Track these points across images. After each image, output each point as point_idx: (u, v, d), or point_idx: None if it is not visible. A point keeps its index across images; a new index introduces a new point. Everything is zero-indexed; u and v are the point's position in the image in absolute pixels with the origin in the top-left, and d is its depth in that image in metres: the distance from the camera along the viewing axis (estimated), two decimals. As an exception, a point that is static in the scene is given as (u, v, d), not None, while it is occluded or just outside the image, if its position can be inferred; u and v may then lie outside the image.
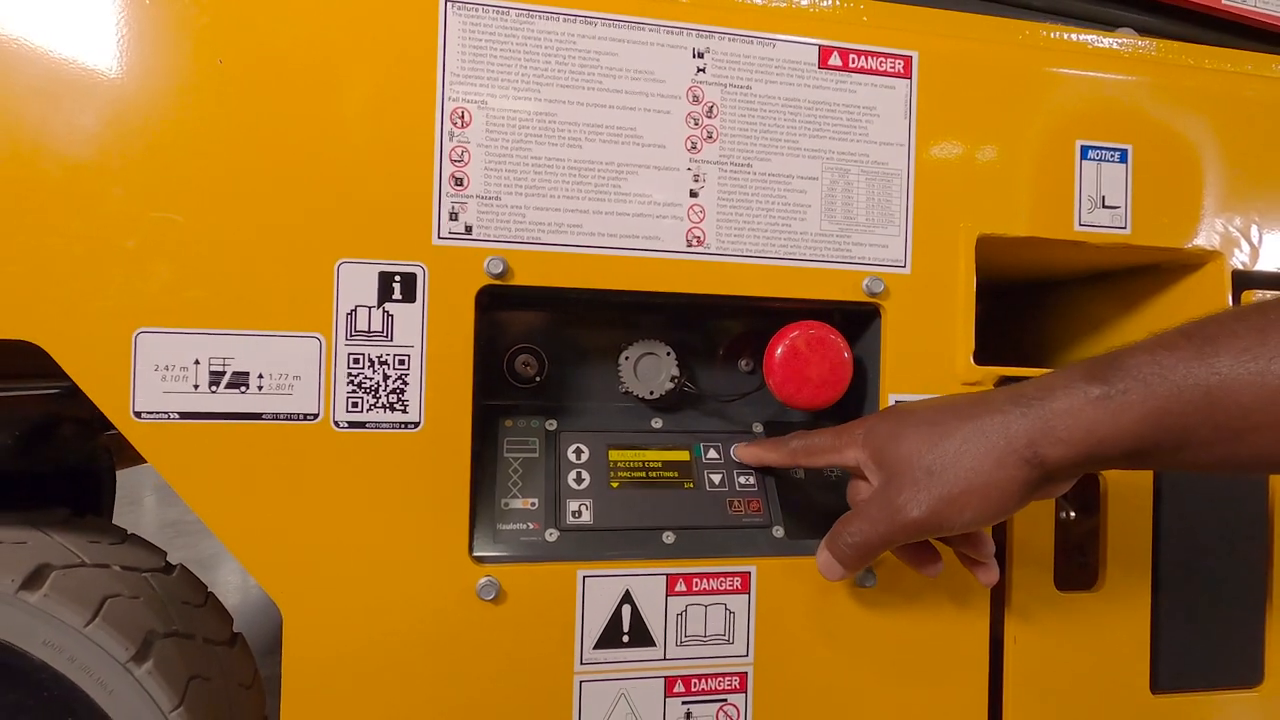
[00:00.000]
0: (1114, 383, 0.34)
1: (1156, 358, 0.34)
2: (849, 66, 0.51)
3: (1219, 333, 0.32)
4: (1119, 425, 0.34)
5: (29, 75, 0.42)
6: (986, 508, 0.38)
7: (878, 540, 0.41)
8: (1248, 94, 0.58)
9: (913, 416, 0.41)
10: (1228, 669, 0.57)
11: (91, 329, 0.43)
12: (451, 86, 0.46)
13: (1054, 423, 0.36)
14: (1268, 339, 0.31)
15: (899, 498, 0.39)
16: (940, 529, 0.39)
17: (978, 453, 0.37)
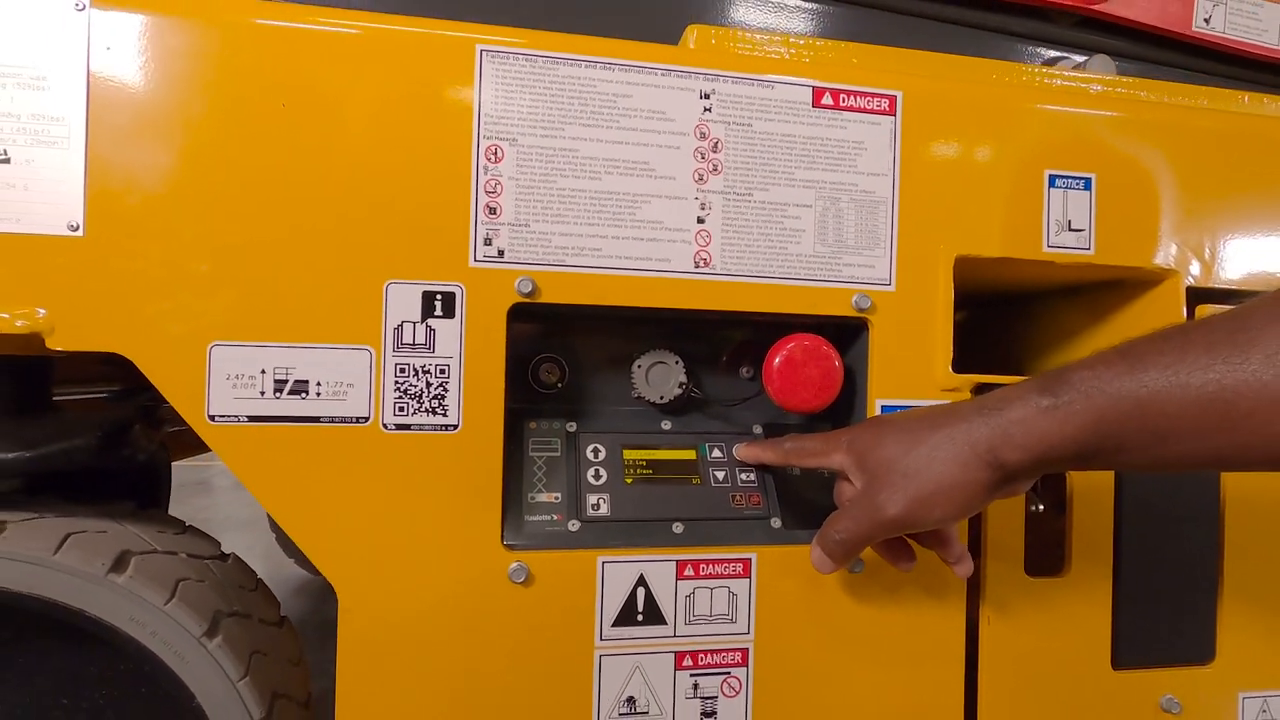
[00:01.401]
0: (1060, 395, 0.40)
1: (1096, 373, 0.40)
2: (839, 105, 0.57)
3: (1148, 351, 0.38)
4: (1065, 433, 0.40)
5: (122, 118, 0.48)
6: (954, 506, 0.44)
7: (861, 536, 0.48)
8: (1202, 125, 0.64)
9: (891, 426, 0.47)
10: (1182, 647, 0.64)
11: (172, 343, 0.49)
12: (486, 126, 0.52)
13: (1011, 430, 0.42)
14: (1186, 356, 0.37)
15: (879, 497, 0.46)
16: (915, 525, 0.46)
17: (946, 457, 0.43)
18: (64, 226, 0.47)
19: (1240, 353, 0.35)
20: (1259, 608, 0.64)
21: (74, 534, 0.50)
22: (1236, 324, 0.36)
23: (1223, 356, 0.35)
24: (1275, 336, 0.34)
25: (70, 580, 0.48)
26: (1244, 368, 0.34)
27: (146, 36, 0.48)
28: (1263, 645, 0.65)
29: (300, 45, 0.50)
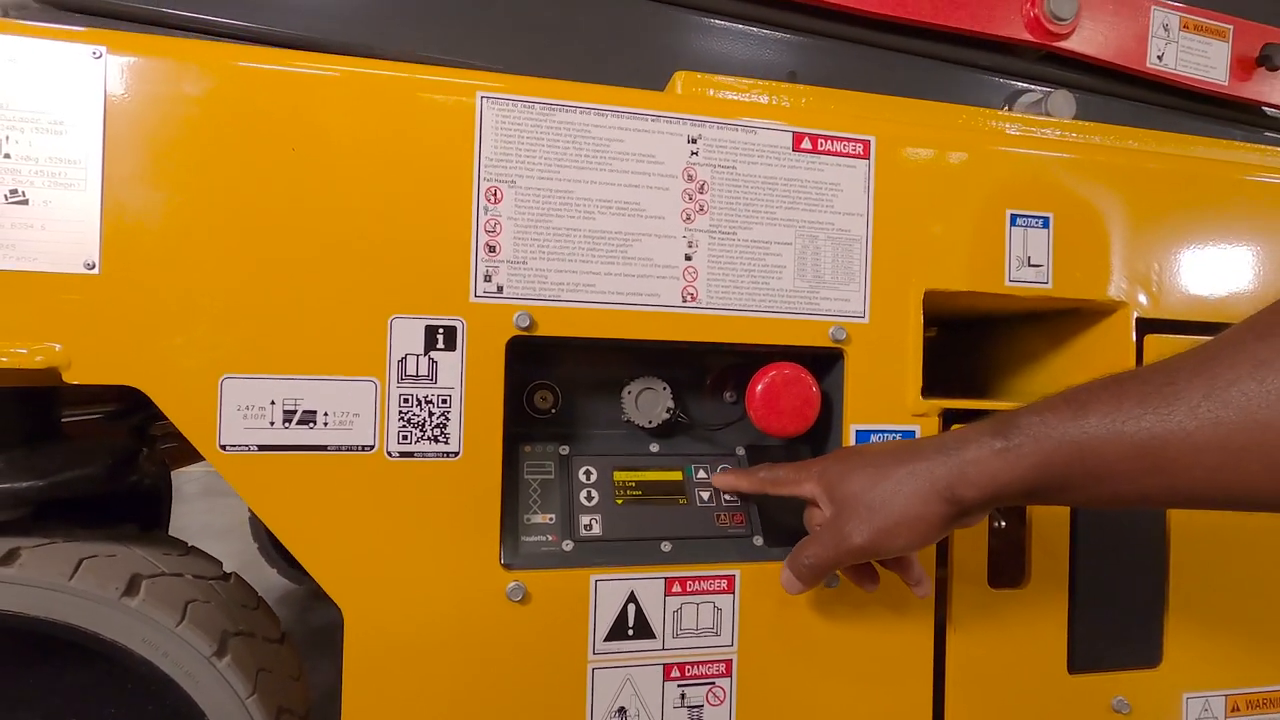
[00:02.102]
0: (1011, 438, 0.44)
1: (1043, 418, 0.44)
2: (817, 149, 0.61)
3: (1089, 399, 0.43)
4: (1014, 472, 0.44)
5: (137, 161, 0.50)
6: (915, 536, 0.48)
7: (829, 561, 0.52)
8: (1150, 167, 0.69)
9: (859, 459, 0.51)
10: (1132, 652, 0.69)
11: (184, 376, 0.51)
12: (486, 169, 0.55)
13: (967, 469, 0.46)
14: (1122, 405, 0.41)
15: (846, 527, 0.50)
16: (879, 553, 0.50)
17: (909, 492, 0.47)
18: (80, 265, 0.50)
19: (1168, 404, 0.39)
20: (1201, 615, 0.70)
21: (86, 559, 0.52)
22: (1166, 377, 0.40)
23: (1153, 407, 0.39)
24: (1198, 390, 0.38)
25: (85, 605, 0.50)
26: (1171, 418, 0.39)
27: (161, 83, 0.50)
28: (1205, 650, 0.70)
29: (309, 91, 0.53)
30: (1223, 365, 0.39)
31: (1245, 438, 0.37)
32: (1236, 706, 0.71)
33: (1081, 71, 1.00)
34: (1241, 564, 0.71)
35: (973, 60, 0.97)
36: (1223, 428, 0.38)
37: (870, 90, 0.93)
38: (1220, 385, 0.38)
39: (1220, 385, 0.38)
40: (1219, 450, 0.38)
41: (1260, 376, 0.37)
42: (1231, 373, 0.38)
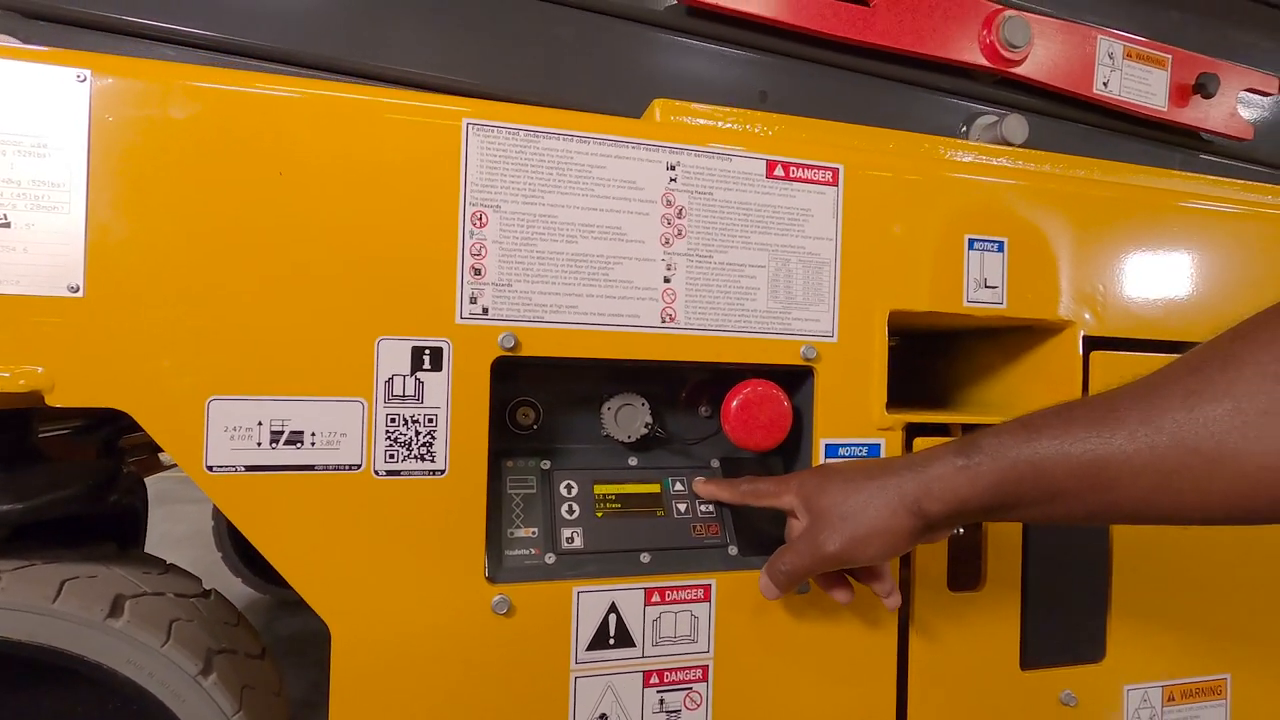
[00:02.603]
0: (972, 456, 0.48)
1: (1001, 440, 0.47)
2: (789, 176, 0.64)
3: (1042, 424, 0.46)
4: (975, 489, 0.48)
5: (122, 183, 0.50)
6: (884, 546, 0.51)
7: (804, 569, 0.55)
8: (1096, 194, 0.74)
9: (835, 474, 0.54)
10: (1078, 648, 0.74)
11: (171, 398, 0.51)
12: (472, 194, 0.57)
13: (932, 485, 0.49)
14: (1071, 429, 0.45)
15: (820, 536, 0.53)
16: (851, 561, 0.53)
17: (879, 505, 0.51)
18: (64, 288, 0.50)
19: (1110, 429, 0.43)
20: (1141, 614, 0.75)
21: (68, 580, 0.52)
22: (1109, 405, 0.44)
23: (1097, 431, 0.43)
24: (1136, 417, 0.42)
25: (70, 627, 0.50)
26: (1112, 442, 0.42)
27: (147, 106, 0.51)
28: (1144, 645, 0.75)
29: (297, 115, 0.53)
30: (1158, 395, 0.42)
31: (1176, 461, 0.41)
32: (1172, 696, 0.77)
33: (1034, 95, 1.06)
34: (1177, 566, 0.77)
35: (933, 83, 1.02)
36: (1157, 451, 0.42)
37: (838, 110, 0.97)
38: (1155, 413, 0.42)
39: (1155, 413, 0.42)
40: (1154, 472, 0.42)
41: (1189, 405, 0.41)
42: (1165, 402, 0.42)
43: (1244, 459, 0.39)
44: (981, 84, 1.04)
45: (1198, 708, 0.78)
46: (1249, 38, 1.14)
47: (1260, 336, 0.40)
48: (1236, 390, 0.39)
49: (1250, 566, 0.79)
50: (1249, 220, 0.78)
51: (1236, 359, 0.40)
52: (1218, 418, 0.40)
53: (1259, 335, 0.40)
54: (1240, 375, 0.40)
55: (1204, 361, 0.42)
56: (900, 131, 0.72)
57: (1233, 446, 0.39)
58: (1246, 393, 0.39)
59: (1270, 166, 1.19)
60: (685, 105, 0.67)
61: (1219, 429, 0.40)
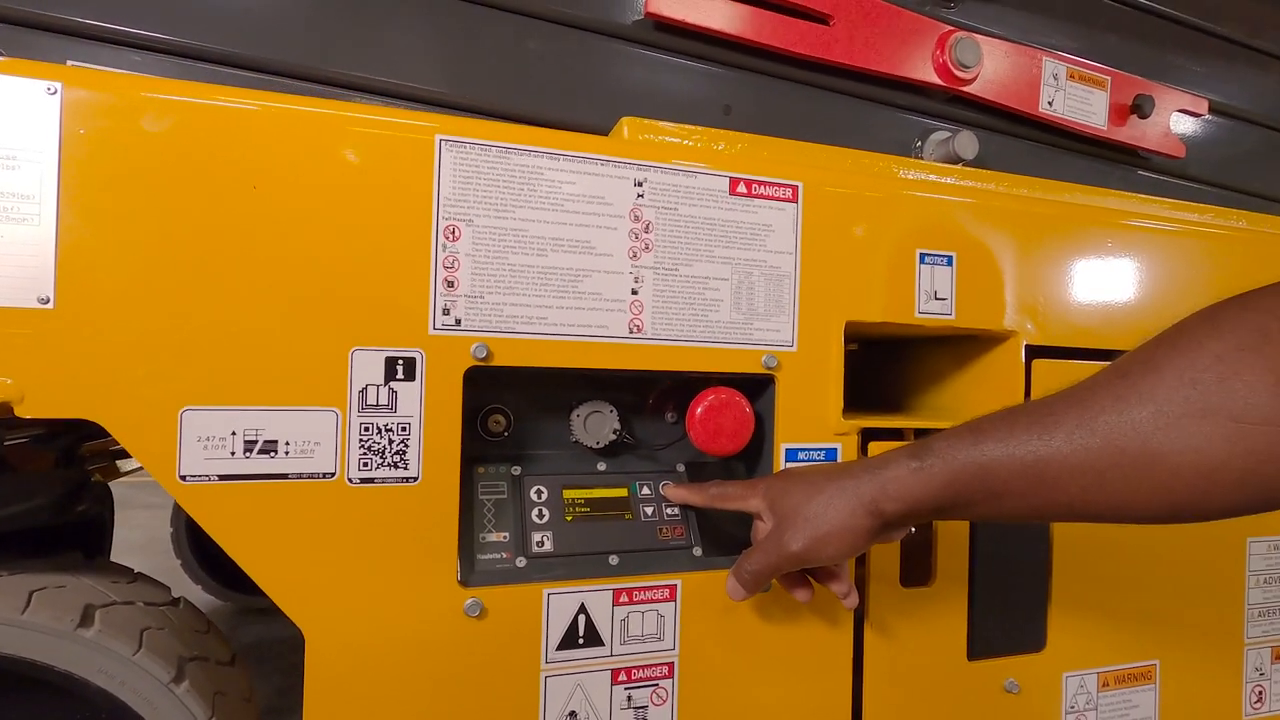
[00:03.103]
0: (925, 459, 0.51)
1: (950, 443, 0.51)
2: (751, 193, 0.67)
3: (989, 427, 0.50)
4: (927, 490, 0.51)
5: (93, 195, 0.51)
6: (845, 545, 0.54)
7: (770, 568, 0.58)
8: (1039, 212, 0.78)
9: (798, 477, 0.57)
10: (1021, 639, 0.78)
11: (143, 408, 0.52)
12: (445, 208, 0.58)
13: (888, 487, 0.52)
14: (1014, 432, 0.48)
15: (784, 536, 0.56)
16: (814, 560, 0.56)
17: (839, 506, 0.54)
18: (34, 299, 0.50)
19: (1049, 432, 0.46)
20: (1078, 606, 0.80)
21: (36, 591, 0.53)
22: (1048, 409, 0.47)
23: (1037, 434, 0.47)
24: (1072, 420, 0.46)
25: (40, 638, 0.51)
26: (1051, 443, 0.46)
27: (118, 118, 0.51)
28: (1081, 635, 0.80)
29: (271, 129, 0.54)
30: (1091, 400, 0.46)
31: (1108, 460, 0.45)
32: (1106, 682, 0.82)
33: (984, 113, 1.11)
34: (1111, 562, 0.82)
35: (890, 100, 1.06)
36: (1091, 452, 0.45)
37: (799, 123, 1.01)
38: (1089, 416, 0.46)
39: (1089, 416, 0.46)
40: (1088, 471, 0.45)
41: (1119, 409, 0.44)
42: (1097, 406, 0.45)
43: (1167, 458, 0.42)
44: (935, 101, 1.08)
45: (1129, 692, 0.83)
46: (1181, 60, 1.21)
47: (1179, 343, 0.44)
48: (1158, 395, 0.43)
49: (1176, 562, 0.85)
50: (1179, 237, 0.84)
51: (1158, 366, 0.44)
52: (1143, 420, 0.43)
53: (1178, 342, 0.44)
54: (1162, 381, 0.43)
55: (1131, 368, 0.46)
56: (856, 151, 0.76)
57: (1156, 446, 0.43)
58: (1167, 397, 0.43)
59: (1201, 183, 1.26)
60: (653, 124, 0.69)
61: (1144, 430, 0.43)
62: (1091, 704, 0.81)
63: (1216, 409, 0.40)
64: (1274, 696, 0.91)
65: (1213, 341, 0.42)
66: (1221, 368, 0.41)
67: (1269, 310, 0.41)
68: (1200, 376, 0.41)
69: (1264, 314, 0.41)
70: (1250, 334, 0.41)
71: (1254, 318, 0.41)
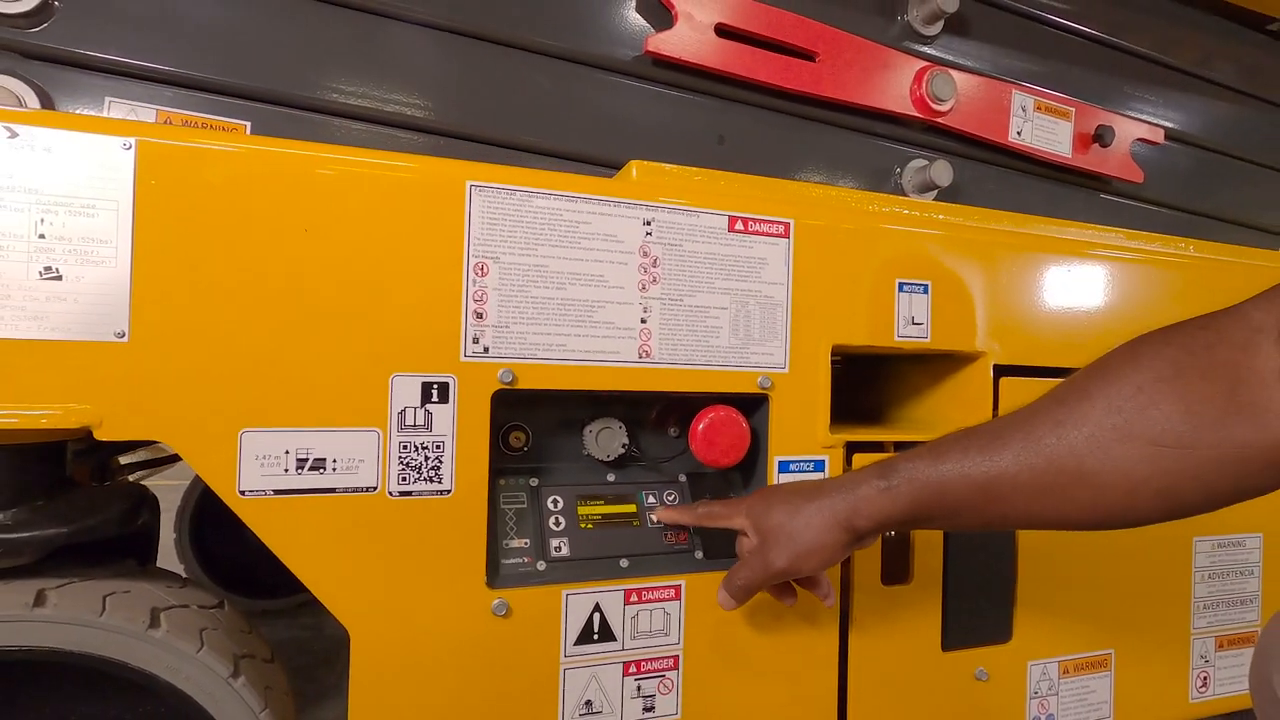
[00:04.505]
0: (891, 480, 0.59)
1: (913, 464, 0.58)
2: (748, 230, 0.74)
3: (946, 450, 0.57)
4: (895, 507, 0.59)
5: (164, 239, 0.57)
6: (823, 559, 0.62)
7: (757, 583, 0.65)
8: (1006, 242, 0.87)
9: (777, 497, 0.64)
10: (990, 630, 0.87)
11: (207, 431, 0.58)
12: (475, 247, 0.65)
13: (859, 505, 0.60)
14: (968, 453, 0.56)
15: (770, 554, 0.63)
16: (796, 573, 0.64)
17: (817, 524, 0.61)
18: (111, 334, 0.56)
19: (998, 453, 0.54)
20: (1041, 601, 0.89)
21: (108, 595, 0.59)
22: (997, 432, 0.55)
23: (988, 455, 0.54)
24: (1018, 442, 0.53)
25: (118, 638, 0.57)
26: (999, 463, 0.54)
27: (186, 169, 0.57)
28: (1044, 627, 0.89)
29: (322, 178, 0.61)
30: (1034, 424, 0.54)
31: (1049, 478, 0.52)
32: (1067, 669, 0.91)
33: (959, 142, 1.20)
34: (1071, 560, 0.91)
35: (871, 129, 1.15)
36: (1035, 471, 0.53)
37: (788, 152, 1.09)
38: (1033, 439, 0.53)
39: (1033, 439, 0.53)
40: (1032, 487, 0.53)
41: (1059, 434, 0.52)
42: (1039, 430, 0.53)
43: (1098, 475, 0.50)
44: (913, 131, 1.17)
45: (1088, 679, 0.92)
46: (1137, 90, 1.31)
47: (1107, 374, 0.51)
48: (1090, 420, 0.50)
49: (1130, 560, 0.94)
50: (1133, 264, 0.93)
51: (1090, 394, 0.51)
52: (1078, 443, 0.51)
53: (1105, 374, 0.51)
54: (1093, 408, 0.51)
55: (1068, 394, 0.53)
56: (842, 189, 0.84)
57: (1089, 466, 0.50)
58: (1098, 423, 0.50)
59: (1158, 205, 1.37)
60: (659, 166, 0.76)
61: (1079, 452, 0.51)
62: (1053, 690, 0.90)
63: (1138, 434, 0.48)
64: (1218, 681, 1.00)
65: (1134, 374, 0.49)
66: (1141, 397, 0.48)
67: (1182, 345, 0.49)
68: (1124, 405, 0.49)
69: (1178, 349, 0.49)
70: (1166, 367, 0.48)
71: (1169, 352, 0.49)
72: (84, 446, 0.82)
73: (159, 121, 0.77)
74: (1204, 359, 0.47)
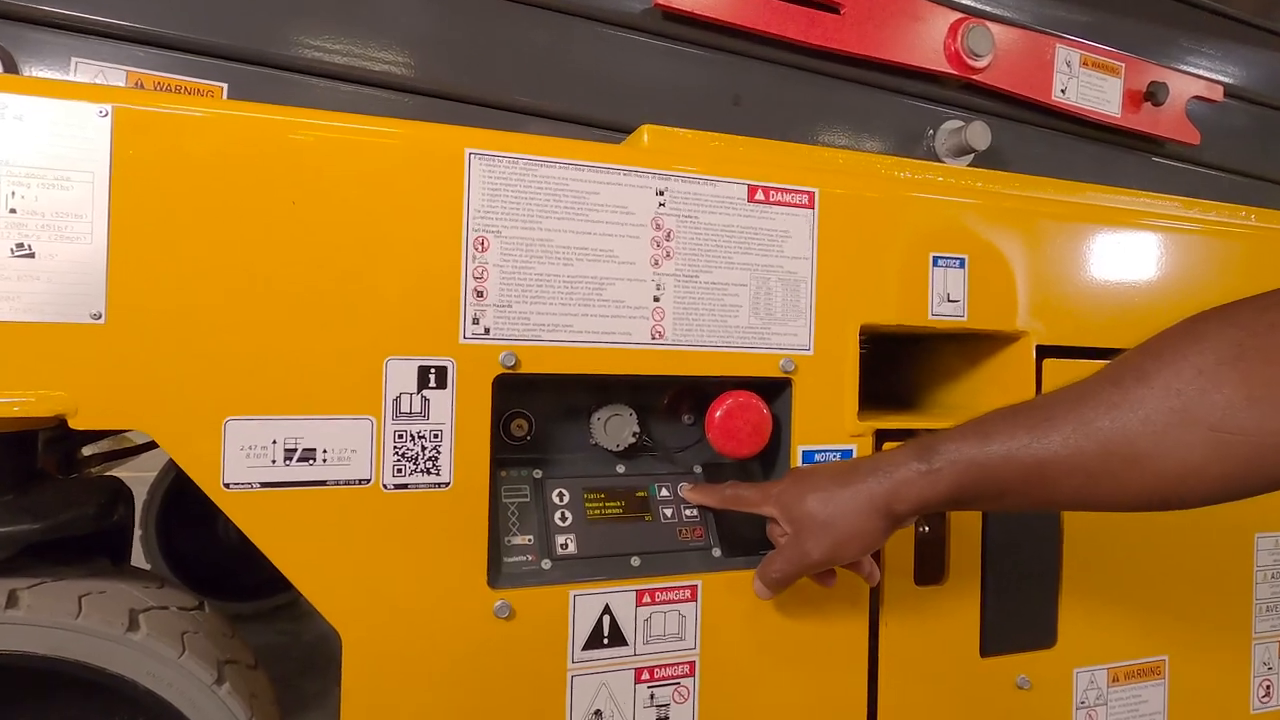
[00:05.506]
0: (932, 461, 0.63)
1: (957, 444, 0.62)
2: (769, 200, 0.78)
3: (992, 429, 0.61)
4: (936, 490, 0.62)
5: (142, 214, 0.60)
6: (862, 546, 0.66)
7: (793, 574, 0.70)
8: (1050, 212, 0.91)
9: (810, 483, 0.68)
10: (1032, 635, 0.91)
11: (189, 419, 0.62)
12: (474, 220, 0.68)
13: (899, 489, 0.64)
14: (1016, 434, 0.60)
15: (806, 544, 0.67)
16: (834, 562, 0.68)
17: (853, 510, 0.65)
18: (86, 315, 0.59)
19: (1047, 435, 0.58)
20: (1089, 602, 0.93)
21: (84, 596, 0.62)
22: (1047, 413, 0.59)
23: (1037, 436, 0.58)
24: (1069, 424, 0.57)
25: (95, 641, 0.60)
26: (1049, 446, 0.58)
27: (165, 139, 0.60)
28: (1092, 631, 0.93)
29: (308, 146, 0.64)
30: (1086, 405, 0.58)
31: (1100, 464, 0.56)
32: (1117, 677, 0.95)
33: (996, 100, 1.23)
34: (1121, 557, 0.95)
35: (900, 88, 1.18)
36: (1086, 454, 0.57)
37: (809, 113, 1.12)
38: (1083, 421, 0.57)
39: (1083, 421, 0.57)
40: (1083, 471, 0.57)
41: (1112, 416, 0.56)
42: (1092, 412, 0.57)
43: (1154, 461, 0.54)
44: (947, 89, 1.20)
45: (1139, 687, 0.97)
46: (1193, 43, 1.34)
47: (1165, 354, 0.55)
48: (1147, 404, 0.54)
49: (1185, 558, 0.98)
50: (1188, 235, 0.97)
51: (1148, 376, 0.55)
52: (1133, 427, 0.55)
53: (1164, 354, 0.55)
54: (1150, 390, 0.54)
55: (1123, 376, 0.57)
56: (870, 154, 0.87)
57: (1144, 451, 0.54)
58: (1155, 406, 0.54)
59: (1217, 169, 1.40)
60: (672, 131, 0.80)
61: (1133, 436, 0.55)
62: (1102, 699, 0.95)
63: (1198, 419, 0.52)
64: (1281, 691, 1.05)
65: (1195, 355, 0.53)
66: (1202, 380, 0.52)
67: (1245, 326, 0.53)
68: (1184, 388, 0.52)
69: (1241, 329, 0.53)
70: (1229, 348, 0.52)
71: (1232, 333, 0.53)
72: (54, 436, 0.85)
73: (130, 85, 0.80)
74: (1268, 340, 0.50)
